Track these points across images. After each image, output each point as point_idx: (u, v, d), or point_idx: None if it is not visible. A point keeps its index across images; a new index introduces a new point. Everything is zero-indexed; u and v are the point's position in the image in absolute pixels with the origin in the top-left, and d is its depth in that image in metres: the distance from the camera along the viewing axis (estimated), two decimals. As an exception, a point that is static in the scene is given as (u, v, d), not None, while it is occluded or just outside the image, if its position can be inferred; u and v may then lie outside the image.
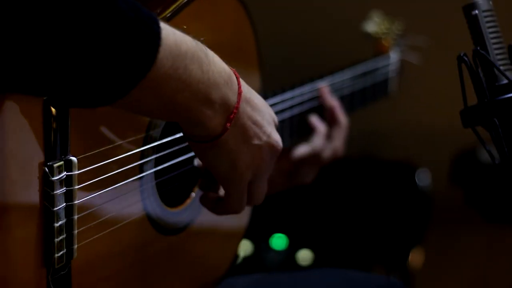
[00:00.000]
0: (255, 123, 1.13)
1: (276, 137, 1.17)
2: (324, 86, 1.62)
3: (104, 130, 1.11)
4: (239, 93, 1.09)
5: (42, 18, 0.89)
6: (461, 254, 2.52)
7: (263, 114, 1.15)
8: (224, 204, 1.20)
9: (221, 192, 1.24)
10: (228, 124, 1.09)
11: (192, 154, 1.29)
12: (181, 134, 1.25)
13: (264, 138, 1.15)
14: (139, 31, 0.94)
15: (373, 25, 1.92)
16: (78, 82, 0.94)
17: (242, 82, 1.11)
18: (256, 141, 1.14)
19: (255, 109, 1.13)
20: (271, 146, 1.16)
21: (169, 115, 1.07)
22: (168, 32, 0.99)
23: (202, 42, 1.06)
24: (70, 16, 0.90)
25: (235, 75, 1.10)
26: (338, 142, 1.62)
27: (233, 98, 1.09)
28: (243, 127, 1.11)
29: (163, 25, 0.98)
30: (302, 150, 1.59)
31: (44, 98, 1.00)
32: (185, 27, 1.08)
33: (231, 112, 1.09)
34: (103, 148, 1.10)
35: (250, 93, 1.13)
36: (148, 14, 0.96)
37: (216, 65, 1.07)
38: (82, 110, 1.05)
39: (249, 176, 1.17)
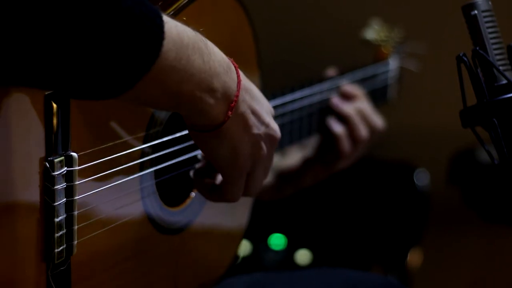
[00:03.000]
0: (254, 112, 1.15)
1: (275, 127, 1.19)
2: (334, 98, 1.64)
3: (105, 127, 1.12)
4: (239, 81, 1.11)
5: (48, 14, 0.90)
6: (459, 254, 2.52)
7: (261, 104, 1.16)
8: (221, 191, 1.21)
9: (217, 180, 1.24)
10: (230, 112, 1.10)
11: (192, 154, 1.29)
12: (181, 134, 1.25)
13: (263, 127, 1.16)
14: (143, 26, 0.95)
15: (373, 32, 1.92)
16: (84, 76, 0.95)
17: (240, 72, 1.13)
18: (255, 130, 1.15)
19: (254, 99, 1.15)
20: (270, 135, 1.18)
21: (173, 105, 1.08)
22: (171, 25, 1.00)
23: (201, 33, 1.07)
24: (76, 13, 0.91)
25: (234, 64, 1.12)
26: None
27: (233, 86, 1.10)
28: (243, 115, 1.13)
29: (166, 18, 1.00)
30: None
31: (46, 93, 1.01)
32: (184, 18, 1.10)
33: (232, 100, 1.10)
34: (103, 145, 1.11)
35: (248, 83, 1.15)
36: (151, 8, 0.98)
37: (216, 54, 1.09)
38: (83, 107, 1.06)
39: (249, 165, 1.18)
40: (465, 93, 1.10)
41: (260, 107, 1.16)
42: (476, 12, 1.07)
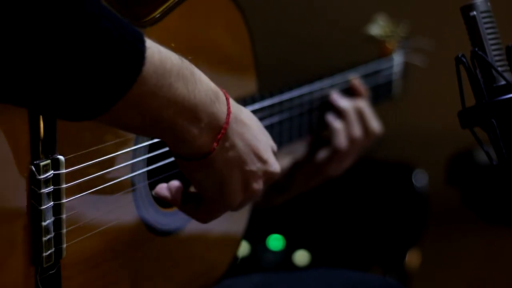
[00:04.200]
0: (250, 146, 1.11)
1: (274, 164, 1.15)
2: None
3: (94, 130, 1.11)
4: (228, 113, 1.08)
5: (24, 36, 0.88)
6: (458, 255, 2.52)
7: (259, 138, 1.13)
8: (201, 214, 1.18)
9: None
10: (215, 144, 1.07)
11: None
12: None
13: (259, 164, 1.13)
14: (122, 50, 0.94)
15: (377, 28, 1.92)
16: (59, 96, 0.93)
17: (233, 103, 1.10)
18: (250, 167, 1.12)
19: (250, 132, 1.11)
20: (268, 172, 1.14)
21: (154, 132, 1.07)
22: (153, 50, 0.98)
23: (190, 60, 1.05)
24: (52, 35, 0.89)
25: (225, 95, 1.09)
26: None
27: (221, 117, 1.07)
28: (234, 149, 1.10)
29: (149, 43, 0.98)
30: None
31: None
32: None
33: (219, 131, 1.07)
34: (92, 148, 1.10)
35: (244, 115, 1.11)
36: (134, 32, 0.96)
37: (203, 83, 1.06)
38: None
39: (238, 201, 1.14)
40: (463, 94, 1.10)
41: (258, 142, 1.12)
42: (475, 13, 1.07)
